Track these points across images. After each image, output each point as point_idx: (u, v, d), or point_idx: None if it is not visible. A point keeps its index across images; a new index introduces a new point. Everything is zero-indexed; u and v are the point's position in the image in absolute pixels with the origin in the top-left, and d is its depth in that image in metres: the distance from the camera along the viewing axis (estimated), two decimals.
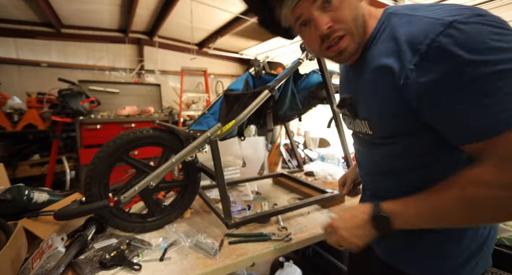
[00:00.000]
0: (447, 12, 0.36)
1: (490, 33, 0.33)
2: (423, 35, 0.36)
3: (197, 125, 0.96)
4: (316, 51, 0.49)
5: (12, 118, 2.35)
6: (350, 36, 0.44)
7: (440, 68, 0.35)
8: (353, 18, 0.43)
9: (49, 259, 0.62)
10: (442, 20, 0.35)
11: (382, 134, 0.48)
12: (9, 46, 2.89)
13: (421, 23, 0.37)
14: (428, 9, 0.39)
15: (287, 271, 1.18)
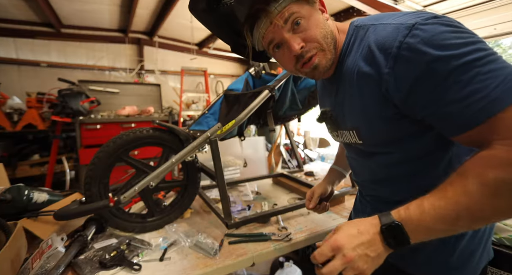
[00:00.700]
0: (408, 17, 0.39)
1: (449, 32, 0.35)
2: (391, 39, 0.38)
3: (197, 125, 0.96)
4: (292, 71, 0.50)
5: (12, 118, 2.35)
6: (321, 53, 0.46)
7: (414, 67, 0.36)
8: (322, 36, 0.45)
9: (49, 259, 0.62)
10: (406, 24, 0.38)
11: (373, 142, 0.48)
12: (9, 46, 2.89)
13: (387, 29, 0.40)
14: (391, 17, 0.42)
15: (287, 271, 1.18)
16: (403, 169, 0.47)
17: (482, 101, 0.33)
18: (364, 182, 0.58)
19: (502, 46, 2.23)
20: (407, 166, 0.47)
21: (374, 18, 0.45)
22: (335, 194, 1.02)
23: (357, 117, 0.47)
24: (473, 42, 0.34)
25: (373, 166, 0.52)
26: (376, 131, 0.45)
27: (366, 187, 0.59)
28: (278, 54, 0.49)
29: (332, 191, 0.76)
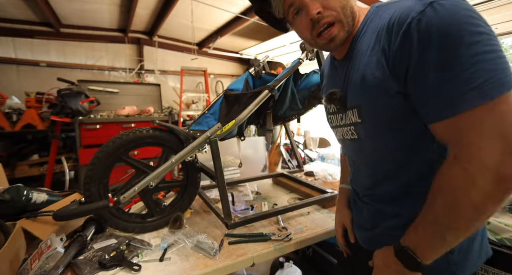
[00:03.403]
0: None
1: (466, 15, 0.34)
2: (405, 15, 0.38)
3: (197, 125, 0.96)
4: (308, 39, 0.50)
5: (11, 118, 2.34)
6: (339, 24, 0.47)
7: (421, 44, 0.36)
8: (342, 7, 0.46)
9: (48, 259, 0.62)
10: (424, 1, 0.37)
11: (371, 121, 0.47)
12: (8, 46, 2.88)
13: (404, 5, 0.39)
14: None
15: (287, 271, 1.18)
16: (393, 159, 0.47)
17: (454, 98, 0.34)
18: (360, 182, 0.58)
19: (503, 46, 2.22)
20: (397, 156, 0.47)
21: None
22: (334, 194, 1.02)
23: (361, 94, 0.47)
24: (480, 33, 0.34)
25: (365, 162, 0.53)
26: (377, 108, 0.45)
27: (361, 187, 0.58)
28: (296, 21, 0.50)
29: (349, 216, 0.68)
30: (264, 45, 3.65)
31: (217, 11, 2.68)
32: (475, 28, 0.34)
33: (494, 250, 0.63)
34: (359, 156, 0.55)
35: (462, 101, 0.34)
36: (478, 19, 0.35)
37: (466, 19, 0.34)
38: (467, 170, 0.34)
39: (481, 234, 0.49)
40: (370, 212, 0.55)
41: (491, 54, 0.33)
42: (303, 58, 0.97)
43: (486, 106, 0.33)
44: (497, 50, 0.34)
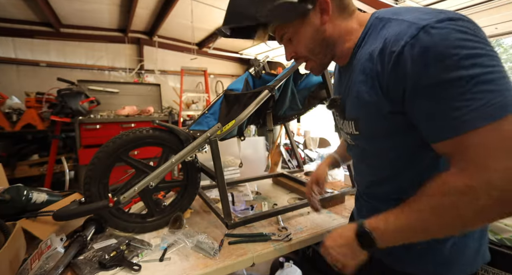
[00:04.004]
0: (423, 15, 0.38)
1: (461, 38, 0.34)
2: (399, 38, 0.38)
3: (197, 125, 0.96)
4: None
5: (11, 118, 2.34)
6: (311, 61, 0.54)
7: (411, 70, 0.37)
8: (309, 49, 0.51)
9: (48, 259, 0.62)
10: (417, 24, 0.37)
11: (368, 134, 0.49)
12: (8, 46, 2.88)
13: (401, 26, 0.39)
14: (408, 13, 0.41)
15: (287, 271, 1.18)
16: (391, 166, 0.49)
17: (455, 120, 0.35)
18: (361, 180, 0.61)
19: (503, 46, 2.21)
20: (395, 164, 0.49)
21: (394, 12, 0.44)
22: (335, 193, 1.02)
23: (358, 107, 0.49)
24: (477, 55, 0.34)
25: (366, 163, 0.55)
26: (373, 123, 0.47)
27: (362, 185, 0.62)
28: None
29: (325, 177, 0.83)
30: (264, 45, 3.65)
31: (217, 11, 2.68)
32: (471, 51, 0.34)
33: (494, 250, 0.63)
34: (359, 157, 0.58)
35: (463, 122, 0.34)
36: (474, 41, 0.35)
37: (461, 42, 0.34)
38: (471, 187, 0.34)
39: (479, 239, 0.48)
40: (368, 209, 0.59)
41: (491, 75, 0.33)
42: None
43: (490, 127, 0.33)
44: (497, 71, 0.34)
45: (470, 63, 0.33)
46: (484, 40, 0.35)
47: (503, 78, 0.34)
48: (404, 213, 0.40)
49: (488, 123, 0.33)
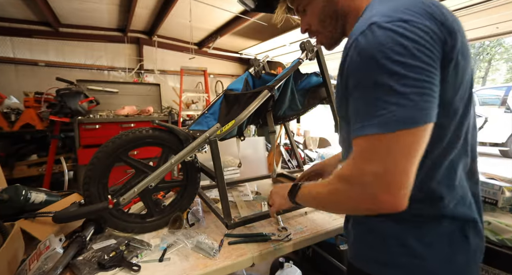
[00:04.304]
0: (385, 11, 0.39)
1: (393, 45, 0.35)
2: (354, 33, 0.41)
3: (196, 125, 0.95)
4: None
5: (9, 118, 2.33)
6: (321, 34, 0.56)
7: (349, 67, 0.41)
8: (319, 21, 0.53)
9: (46, 260, 0.61)
10: (370, 20, 0.39)
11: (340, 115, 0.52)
12: (6, 45, 2.86)
13: (365, 18, 0.42)
14: (386, 4, 0.41)
15: (287, 272, 1.18)
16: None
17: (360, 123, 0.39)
18: None
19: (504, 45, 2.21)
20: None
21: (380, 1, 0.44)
22: None
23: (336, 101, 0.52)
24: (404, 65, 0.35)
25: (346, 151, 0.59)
26: (339, 105, 0.50)
27: None
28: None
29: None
30: (264, 45, 3.65)
31: (217, 10, 2.67)
32: (402, 59, 0.35)
33: (495, 250, 0.63)
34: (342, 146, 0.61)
35: (364, 127, 0.38)
36: (411, 50, 0.35)
37: (396, 49, 0.35)
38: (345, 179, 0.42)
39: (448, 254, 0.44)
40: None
41: (407, 88, 0.35)
42: (303, 58, 0.97)
43: (379, 137, 0.36)
44: (415, 85, 0.35)
45: (392, 72, 0.35)
46: (425, 50, 0.35)
47: (417, 94, 0.35)
48: (316, 188, 0.51)
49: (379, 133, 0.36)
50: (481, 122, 3.48)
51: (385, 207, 0.38)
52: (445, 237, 0.44)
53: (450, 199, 0.44)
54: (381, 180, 0.36)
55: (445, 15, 0.39)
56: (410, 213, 0.41)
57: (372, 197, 0.38)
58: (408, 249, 0.44)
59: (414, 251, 0.44)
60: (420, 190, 0.42)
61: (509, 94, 4.47)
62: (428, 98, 0.35)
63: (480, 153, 4.41)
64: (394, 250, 0.46)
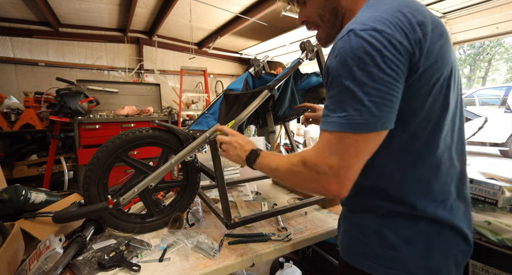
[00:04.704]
0: (364, 19, 0.42)
1: (362, 53, 0.39)
2: (339, 35, 0.44)
3: (196, 125, 0.95)
4: None
5: (9, 118, 2.33)
6: (320, 28, 0.57)
7: (327, 66, 0.44)
8: (318, 15, 0.54)
9: (46, 260, 0.61)
10: (350, 26, 0.42)
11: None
12: (6, 45, 2.86)
13: (350, 23, 0.44)
14: (368, 12, 0.44)
15: (287, 272, 1.18)
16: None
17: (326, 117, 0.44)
18: None
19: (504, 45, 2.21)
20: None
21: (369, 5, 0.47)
22: None
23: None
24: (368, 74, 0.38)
25: None
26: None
27: None
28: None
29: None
30: (264, 45, 3.65)
31: (217, 10, 2.67)
32: (367, 68, 0.38)
33: (495, 250, 0.63)
34: None
35: (328, 123, 0.43)
36: (377, 59, 0.38)
37: (363, 57, 0.38)
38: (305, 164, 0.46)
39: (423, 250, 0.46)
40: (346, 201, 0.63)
41: (365, 96, 0.39)
42: (303, 58, 0.97)
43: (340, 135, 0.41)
44: (375, 95, 0.38)
45: (357, 79, 0.39)
46: (389, 63, 0.38)
47: (375, 103, 0.39)
48: (279, 157, 0.54)
49: (335, 131, 0.41)
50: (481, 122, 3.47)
51: (330, 193, 0.44)
52: (422, 235, 0.46)
53: (425, 204, 0.46)
54: (335, 172, 0.42)
55: (416, 25, 0.40)
56: (389, 210, 0.47)
57: (323, 183, 0.44)
58: (385, 241, 0.47)
59: (391, 244, 0.47)
60: (394, 194, 0.47)
61: (509, 94, 4.46)
62: (385, 108, 0.40)
63: (480, 153, 4.37)
64: (372, 242, 0.48)
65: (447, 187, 0.47)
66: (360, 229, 0.51)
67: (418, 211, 0.46)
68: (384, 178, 0.47)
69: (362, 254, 0.50)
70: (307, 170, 0.45)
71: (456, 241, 0.47)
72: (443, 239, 0.47)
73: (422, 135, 0.45)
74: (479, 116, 2.06)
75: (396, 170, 0.46)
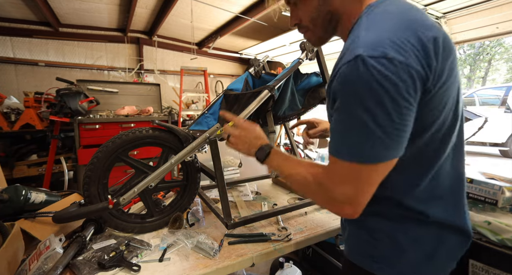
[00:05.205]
0: (371, 41, 0.39)
1: (377, 84, 0.37)
2: (348, 56, 0.41)
3: (196, 125, 0.95)
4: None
5: (9, 118, 2.33)
6: (310, 32, 0.55)
7: (334, 88, 0.43)
8: (311, 18, 0.52)
9: (46, 260, 0.61)
10: (357, 51, 0.39)
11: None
12: (6, 45, 2.86)
13: (356, 39, 0.42)
14: (373, 28, 0.41)
15: (287, 272, 1.18)
16: None
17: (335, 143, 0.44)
18: None
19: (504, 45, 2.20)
20: None
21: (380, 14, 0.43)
22: None
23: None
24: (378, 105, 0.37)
25: None
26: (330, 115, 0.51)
27: None
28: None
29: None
30: (264, 45, 3.65)
31: (217, 10, 2.67)
32: (379, 99, 0.37)
33: (495, 250, 0.63)
34: None
35: (338, 151, 0.44)
36: (390, 91, 0.36)
37: (376, 88, 0.37)
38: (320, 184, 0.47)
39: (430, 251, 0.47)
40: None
41: (377, 127, 0.38)
42: (303, 58, 0.97)
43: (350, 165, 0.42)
44: (386, 125, 0.38)
45: (369, 110, 0.38)
46: (404, 93, 0.37)
47: (387, 134, 0.38)
48: (291, 163, 0.55)
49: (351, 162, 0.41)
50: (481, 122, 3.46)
51: (343, 214, 0.47)
52: (431, 237, 0.47)
53: (436, 210, 0.47)
54: (348, 199, 0.43)
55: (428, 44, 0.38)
56: (400, 215, 0.47)
57: (337, 206, 0.46)
58: (395, 243, 0.48)
59: (401, 245, 0.47)
60: (405, 202, 0.47)
61: (509, 94, 4.46)
62: (397, 138, 0.39)
63: (480, 153, 4.36)
64: (382, 245, 0.49)
65: (455, 190, 0.49)
66: (370, 232, 0.50)
67: (430, 217, 0.46)
68: (394, 188, 0.47)
69: (371, 257, 0.50)
70: (322, 191, 0.47)
71: (461, 241, 0.49)
72: (450, 240, 0.48)
73: (432, 146, 0.45)
74: (479, 116, 2.06)
75: (407, 180, 0.46)
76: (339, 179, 0.44)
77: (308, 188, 0.50)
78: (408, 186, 0.47)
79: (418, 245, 0.47)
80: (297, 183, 0.52)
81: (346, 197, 0.43)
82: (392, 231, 0.48)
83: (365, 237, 0.51)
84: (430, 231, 0.47)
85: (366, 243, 0.51)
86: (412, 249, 0.47)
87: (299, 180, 0.51)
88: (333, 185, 0.44)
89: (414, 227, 0.47)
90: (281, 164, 0.57)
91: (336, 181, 0.44)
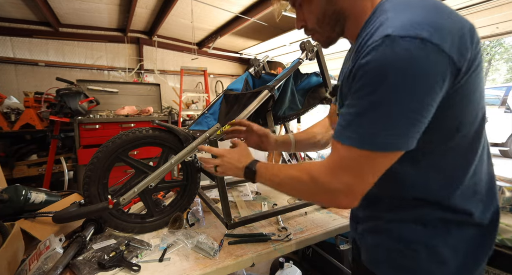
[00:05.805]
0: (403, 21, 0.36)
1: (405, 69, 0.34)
2: (374, 39, 0.38)
3: (196, 125, 0.95)
4: None
5: (9, 118, 2.33)
6: (317, 33, 0.53)
7: (356, 71, 0.40)
8: (316, 20, 0.50)
9: (46, 260, 0.61)
10: (386, 31, 0.36)
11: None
12: (6, 45, 2.87)
13: (382, 26, 0.38)
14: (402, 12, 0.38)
15: (287, 272, 1.18)
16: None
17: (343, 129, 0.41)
18: None
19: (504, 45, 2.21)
20: None
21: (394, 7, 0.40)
22: None
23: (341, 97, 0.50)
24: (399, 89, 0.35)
25: None
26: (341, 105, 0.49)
27: None
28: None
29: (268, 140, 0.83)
30: (264, 45, 3.65)
31: (217, 10, 2.68)
32: (404, 87, 0.34)
33: (495, 250, 0.63)
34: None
35: (347, 136, 0.40)
36: (418, 78, 0.33)
37: (403, 73, 0.34)
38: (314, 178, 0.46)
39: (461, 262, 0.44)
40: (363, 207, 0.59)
41: (397, 115, 0.35)
42: (303, 58, 0.97)
43: (358, 151, 0.39)
44: (406, 115, 0.35)
45: (391, 97, 0.35)
46: (432, 82, 0.34)
47: (406, 125, 0.36)
48: (280, 168, 0.54)
49: (359, 148, 0.39)
50: None
51: (340, 206, 0.45)
52: (468, 241, 0.44)
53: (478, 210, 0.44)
54: (348, 188, 0.41)
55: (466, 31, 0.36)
56: (438, 218, 0.44)
57: (334, 198, 0.44)
58: (436, 254, 0.44)
59: (442, 256, 0.44)
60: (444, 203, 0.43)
61: (509, 94, 4.47)
62: (413, 129, 0.37)
63: None
64: (421, 256, 0.45)
65: (490, 187, 0.46)
66: (404, 242, 0.46)
67: (473, 215, 0.43)
68: (433, 189, 0.44)
69: (405, 269, 0.46)
70: (317, 186, 0.45)
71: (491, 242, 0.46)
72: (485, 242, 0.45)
73: (469, 138, 0.42)
74: None
75: (449, 178, 0.43)
76: (338, 166, 0.42)
77: (301, 189, 0.49)
78: (451, 184, 0.43)
79: (456, 251, 0.43)
80: (290, 185, 0.52)
81: (345, 186, 0.41)
82: (431, 240, 0.44)
83: (397, 247, 0.46)
84: (470, 234, 0.44)
85: (399, 254, 0.46)
86: (451, 257, 0.43)
87: (291, 185, 0.51)
88: (330, 176, 0.43)
89: (454, 231, 0.43)
90: (270, 175, 0.56)
91: (334, 170, 0.42)
